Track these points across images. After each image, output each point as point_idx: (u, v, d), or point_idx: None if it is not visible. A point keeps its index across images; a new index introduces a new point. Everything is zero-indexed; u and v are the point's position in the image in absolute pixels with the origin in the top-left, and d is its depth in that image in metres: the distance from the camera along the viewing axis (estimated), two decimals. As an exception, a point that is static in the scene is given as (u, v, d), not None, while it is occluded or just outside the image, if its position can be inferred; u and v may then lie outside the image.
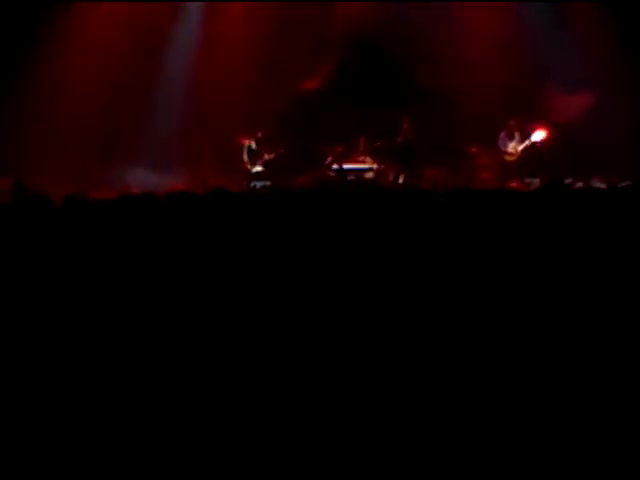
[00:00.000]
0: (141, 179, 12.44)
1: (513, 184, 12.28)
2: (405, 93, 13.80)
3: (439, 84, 13.72)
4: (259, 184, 12.09)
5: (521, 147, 12.66)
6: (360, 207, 6.29)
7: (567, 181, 10.16)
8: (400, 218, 5.88)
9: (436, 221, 5.82)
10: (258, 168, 13.28)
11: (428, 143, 13.48)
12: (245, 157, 13.30)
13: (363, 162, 13.54)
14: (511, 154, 12.74)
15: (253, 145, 13.30)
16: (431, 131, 13.59)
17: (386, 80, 13.78)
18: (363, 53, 13.91)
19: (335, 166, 13.43)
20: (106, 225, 5.71)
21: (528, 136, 12.60)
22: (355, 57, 13.94)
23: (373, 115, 13.77)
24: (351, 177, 13.34)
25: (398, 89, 13.77)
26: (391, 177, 13.39)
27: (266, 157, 13.22)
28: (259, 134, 13.31)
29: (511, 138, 12.77)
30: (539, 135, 12.49)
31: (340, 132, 13.78)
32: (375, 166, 13.46)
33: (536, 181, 11.77)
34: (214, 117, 13.48)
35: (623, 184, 6.77)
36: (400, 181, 13.24)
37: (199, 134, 13.55)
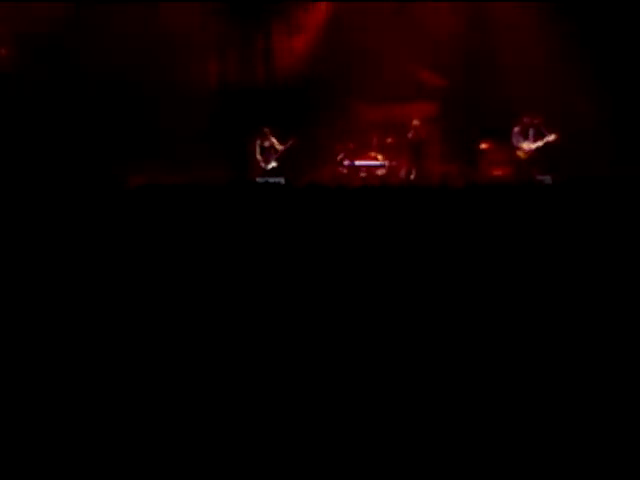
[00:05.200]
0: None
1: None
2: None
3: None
4: (272, 180, 12.12)
5: (534, 146, 12.63)
6: (371, 203, 6.32)
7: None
8: (411, 214, 5.91)
9: (447, 217, 5.84)
10: (273, 164, 13.34)
11: (440, 139, 13.53)
12: (258, 155, 13.36)
13: (375, 158, 13.59)
14: (524, 151, 12.71)
15: (266, 142, 13.35)
16: (443, 127, 13.65)
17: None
18: None
19: (347, 162, 13.48)
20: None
21: (542, 135, 12.56)
22: None
23: (384, 112, 13.84)
24: (362, 173, 13.40)
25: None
26: (402, 173, 13.43)
27: (278, 148, 13.28)
28: (267, 130, 13.35)
29: (525, 136, 12.72)
30: (553, 134, 12.45)
31: (352, 128, 13.86)
32: (386, 162, 13.50)
33: (548, 178, 11.75)
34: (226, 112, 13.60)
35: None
36: (411, 177, 13.27)
37: (210, 130, 13.60)
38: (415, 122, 13.45)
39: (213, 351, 4.32)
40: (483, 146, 13.41)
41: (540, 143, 12.54)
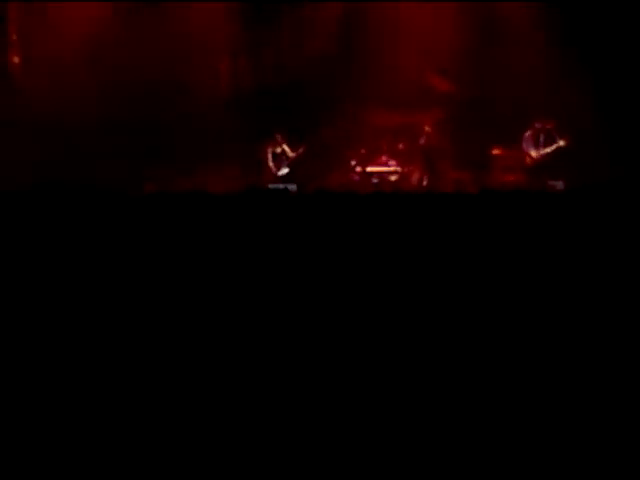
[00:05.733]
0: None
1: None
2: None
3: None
4: (283, 186, 12.12)
5: (545, 152, 12.61)
6: (384, 209, 6.29)
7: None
8: (424, 220, 5.88)
9: (461, 223, 5.82)
10: (285, 171, 13.34)
11: (452, 145, 13.51)
12: (270, 161, 13.36)
13: (387, 165, 13.56)
14: (533, 157, 12.70)
15: (277, 149, 13.36)
16: (454, 133, 13.62)
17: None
18: None
19: (359, 168, 13.47)
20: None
21: (553, 140, 12.54)
22: None
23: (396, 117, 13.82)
24: (375, 179, 13.37)
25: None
26: (414, 179, 13.40)
27: (290, 155, 13.29)
28: (279, 137, 13.36)
29: (536, 141, 12.70)
30: (564, 141, 12.44)
31: (363, 134, 13.84)
32: (399, 168, 13.48)
33: (559, 184, 11.73)
34: (236, 119, 13.60)
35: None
36: (424, 183, 13.25)
37: (221, 137, 13.59)
38: (427, 128, 13.44)
39: (223, 360, 4.31)
40: (495, 152, 13.38)
41: (549, 149, 12.53)
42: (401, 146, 13.59)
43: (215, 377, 4.20)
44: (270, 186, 12.68)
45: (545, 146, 12.62)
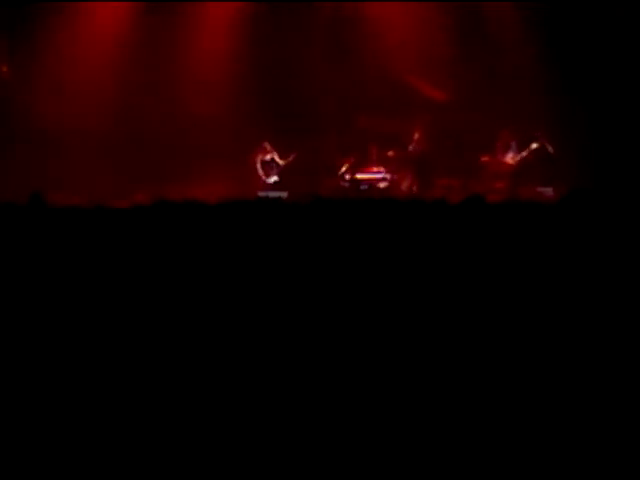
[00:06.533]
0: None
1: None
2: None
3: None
4: (273, 194, 12.15)
5: (519, 156, 12.81)
6: (373, 216, 6.30)
7: None
8: (412, 227, 5.89)
9: (450, 231, 5.82)
10: (274, 178, 13.35)
11: (441, 152, 13.56)
12: (259, 170, 13.37)
13: (377, 172, 13.59)
14: (510, 164, 12.89)
15: (267, 157, 13.37)
16: (444, 140, 13.67)
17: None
18: None
19: (348, 176, 13.49)
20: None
21: (526, 145, 12.75)
22: None
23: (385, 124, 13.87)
24: (364, 186, 13.40)
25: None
26: (404, 186, 13.44)
27: (280, 163, 13.31)
28: (267, 145, 13.37)
29: (507, 148, 12.92)
30: (535, 144, 12.64)
31: (353, 141, 13.87)
32: (388, 175, 13.51)
33: (549, 190, 11.80)
34: (225, 127, 13.59)
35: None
36: (413, 190, 13.29)
37: (211, 145, 13.58)
38: (416, 135, 13.48)
39: (218, 366, 4.31)
40: (484, 159, 13.44)
41: (523, 154, 12.72)
42: (390, 153, 13.61)
43: (209, 384, 4.20)
44: (259, 194, 12.71)
45: (519, 152, 12.84)
